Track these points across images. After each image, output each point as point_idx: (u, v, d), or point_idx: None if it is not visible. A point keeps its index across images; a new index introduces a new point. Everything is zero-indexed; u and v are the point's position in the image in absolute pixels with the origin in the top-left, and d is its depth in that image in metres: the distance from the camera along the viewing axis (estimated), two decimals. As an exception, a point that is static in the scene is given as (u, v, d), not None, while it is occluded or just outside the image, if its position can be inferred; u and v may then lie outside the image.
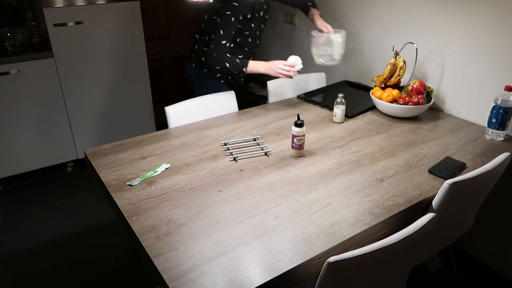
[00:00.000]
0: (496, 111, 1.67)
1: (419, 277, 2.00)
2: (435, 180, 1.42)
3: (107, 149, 1.62)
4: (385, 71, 2.01)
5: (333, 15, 2.51)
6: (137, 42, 2.83)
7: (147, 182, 1.40)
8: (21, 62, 2.48)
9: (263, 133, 1.77)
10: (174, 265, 1.03)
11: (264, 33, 3.08)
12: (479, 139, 1.72)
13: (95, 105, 2.84)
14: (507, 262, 1.96)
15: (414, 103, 1.85)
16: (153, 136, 1.74)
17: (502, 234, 1.94)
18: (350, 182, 1.40)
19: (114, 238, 2.27)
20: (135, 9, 2.75)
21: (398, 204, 1.28)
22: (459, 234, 1.61)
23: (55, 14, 2.49)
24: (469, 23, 1.82)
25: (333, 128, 1.83)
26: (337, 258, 0.94)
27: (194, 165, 1.51)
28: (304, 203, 1.28)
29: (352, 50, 2.46)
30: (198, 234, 1.14)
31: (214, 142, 1.69)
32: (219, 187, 1.37)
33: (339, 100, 1.85)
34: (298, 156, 1.57)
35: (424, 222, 1.07)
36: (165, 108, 1.85)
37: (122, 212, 1.24)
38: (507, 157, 1.39)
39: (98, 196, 2.64)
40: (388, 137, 1.74)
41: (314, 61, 2.13)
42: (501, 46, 1.73)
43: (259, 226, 1.17)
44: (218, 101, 2.02)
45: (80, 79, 2.72)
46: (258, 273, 1.01)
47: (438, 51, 1.98)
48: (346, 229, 1.17)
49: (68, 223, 2.39)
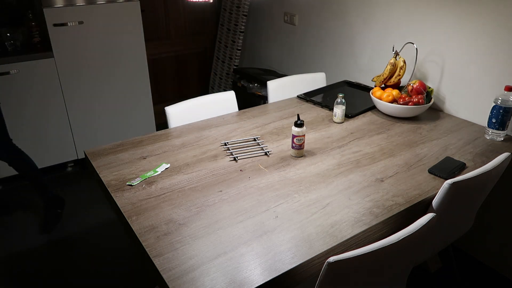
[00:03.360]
0: (496, 111, 1.67)
1: (419, 277, 2.00)
2: (435, 180, 1.42)
3: (107, 149, 1.62)
4: (385, 71, 2.01)
5: (334, 15, 2.52)
6: (137, 42, 2.83)
7: (147, 182, 1.40)
8: (21, 62, 2.48)
9: (263, 133, 1.77)
10: (174, 265, 1.03)
11: (264, 33, 3.08)
12: (479, 139, 1.72)
13: (95, 105, 2.84)
14: (507, 262, 1.96)
15: (414, 103, 1.85)
16: (153, 136, 1.74)
17: (502, 234, 1.94)
18: (350, 182, 1.40)
19: (114, 238, 2.27)
20: (135, 9, 2.75)
21: (398, 204, 1.28)
22: (459, 234, 1.61)
23: (55, 14, 2.49)
24: (469, 23, 1.82)
25: (333, 128, 1.83)
26: (337, 258, 0.94)
27: (194, 165, 1.51)
28: (304, 203, 1.28)
29: (352, 50, 2.46)
30: (198, 234, 1.14)
31: (214, 142, 1.69)
32: (219, 187, 1.37)
33: (339, 100, 1.85)
34: (298, 156, 1.57)
35: (424, 222, 1.07)
36: (165, 108, 1.85)
37: (122, 212, 1.24)
38: (507, 157, 1.39)
39: (98, 196, 2.64)
40: (388, 137, 1.74)
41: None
42: (501, 46, 1.73)
43: (259, 226, 1.17)
44: (218, 101, 2.02)
45: (80, 79, 2.72)
46: (258, 273, 1.01)
47: (438, 51, 1.98)
48: (346, 229, 1.17)
49: (68, 223, 2.39)
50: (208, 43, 3.73)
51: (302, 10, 2.76)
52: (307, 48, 2.81)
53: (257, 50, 3.38)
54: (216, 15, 3.65)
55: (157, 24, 3.38)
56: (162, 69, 3.55)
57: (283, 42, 3.03)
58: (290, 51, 2.99)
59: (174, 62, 3.60)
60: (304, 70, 2.91)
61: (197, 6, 3.51)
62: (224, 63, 3.56)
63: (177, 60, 3.61)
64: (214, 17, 3.66)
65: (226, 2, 3.41)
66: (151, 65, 3.45)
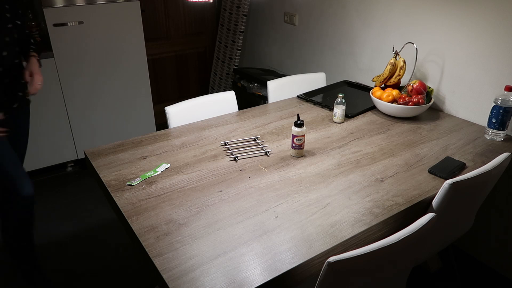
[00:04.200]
0: (496, 111, 1.67)
1: (419, 277, 2.00)
2: (435, 180, 1.42)
3: (107, 149, 1.62)
4: (385, 71, 2.01)
5: (334, 15, 2.51)
6: (137, 42, 2.83)
7: (147, 182, 1.40)
8: (21, 62, 2.48)
9: (263, 133, 1.77)
10: (174, 265, 1.03)
11: (264, 33, 3.09)
12: (479, 139, 1.72)
13: (95, 105, 2.84)
14: (507, 262, 1.96)
15: (414, 103, 1.85)
16: (153, 136, 1.74)
17: (502, 234, 1.94)
18: (350, 182, 1.40)
19: (114, 238, 2.27)
20: (135, 9, 2.75)
21: (398, 204, 1.28)
22: (459, 234, 1.61)
23: (55, 14, 2.49)
24: (469, 23, 1.82)
25: (333, 128, 1.83)
26: (337, 258, 0.94)
27: (194, 165, 1.51)
28: (304, 203, 1.28)
29: (352, 50, 2.46)
30: (198, 234, 1.14)
31: (214, 142, 1.69)
32: (219, 187, 1.37)
33: (339, 100, 1.85)
34: (298, 156, 1.57)
35: (424, 222, 1.07)
36: (165, 108, 1.85)
37: (122, 212, 1.24)
38: (507, 157, 1.39)
39: (98, 196, 2.64)
40: (388, 137, 1.74)
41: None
42: (501, 46, 1.73)
43: (259, 226, 1.17)
44: (218, 101, 2.02)
45: (80, 79, 2.72)
46: (258, 273, 1.01)
47: (438, 51, 1.98)
48: (346, 229, 1.17)
49: (68, 223, 2.39)
50: (208, 43, 3.73)
51: (302, 10, 2.76)
52: (307, 48, 2.81)
53: (257, 50, 3.38)
54: (216, 15, 3.65)
55: (157, 24, 3.38)
56: (162, 69, 3.55)
57: (283, 42, 3.03)
58: (290, 51, 2.99)
59: (174, 62, 3.60)
60: (304, 70, 2.91)
61: (197, 6, 3.51)
62: (224, 63, 3.56)
63: (177, 60, 3.61)
64: (214, 17, 3.66)
65: (226, 2, 3.41)
66: (151, 65, 3.45)
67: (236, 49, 3.38)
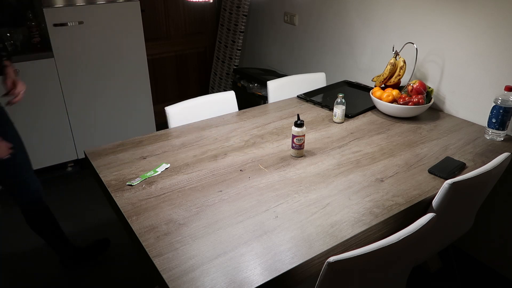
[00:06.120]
0: (496, 111, 1.67)
1: (419, 277, 2.00)
2: (435, 180, 1.42)
3: (107, 149, 1.62)
4: (385, 71, 2.01)
5: (334, 15, 2.51)
6: (137, 42, 2.83)
7: (147, 182, 1.40)
8: (21, 62, 2.48)
9: (263, 133, 1.77)
10: (174, 265, 1.03)
11: (264, 33, 3.09)
12: (479, 139, 1.72)
13: (95, 105, 2.83)
14: (507, 262, 1.96)
15: (414, 103, 1.85)
16: (153, 136, 1.74)
17: (502, 234, 1.94)
18: (350, 182, 1.40)
19: (114, 238, 2.27)
20: (135, 9, 2.75)
21: (398, 204, 1.28)
22: (459, 234, 1.61)
23: (55, 14, 2.49)
24: (469, 23, 1.82)
25: (333, 128, 1.83)
26: (337, 258, 0.94)
27: (194, 165, 1.51)
28: (304, 203, 1.28)
29: (352, 50, 2.46)
30: (198, 234, 1.14)
31: (214, 142, 1.69)
32: (219, 187, 1.37)
33: (339, 100, 1.85)
34: (298, 156, 1.57)
35: (424, 222, 1.07)
36: (165, 108, 1.85)
37: (122, 212, 1.24)
38: (507, 157, 1.39)
39: (98, 196, 2.64)
40: (388, 137, 1.74)
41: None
42: (501, 46, 1.73)
43: (259, 226, 1.17)
44: (218, 101, 2.02)
45: (80, 79, 2.72)
46: (258, 273, 1.01)
47: (438, 51, 1.98)
48: (346, 229, 1.17)
49: (68, 223, 2.39)
50: (208, 43, 3.73)
51: (302, 10, 2.76)
52: (307, 48, 2.81)
53: (257, 50, 3.38)
54: (216, 15, 3.65)
55: (157, 24, 3.38)
56: (162, 69, 3.55)
57: (283, 42, 3.03)
58: (290, 51, 2.99)
59: (174, 62, 3.60)
60: (304, 70, 2.91)
61: (197, 6, 3.51)
62: (224, 63, 3.56)
63: (177, 60, 3.61)
64: (214, 17, 3.66)
65: (226, 2, 3.41)
66: (151, 65, 3.45)
67: (236, 49, 3.38)
